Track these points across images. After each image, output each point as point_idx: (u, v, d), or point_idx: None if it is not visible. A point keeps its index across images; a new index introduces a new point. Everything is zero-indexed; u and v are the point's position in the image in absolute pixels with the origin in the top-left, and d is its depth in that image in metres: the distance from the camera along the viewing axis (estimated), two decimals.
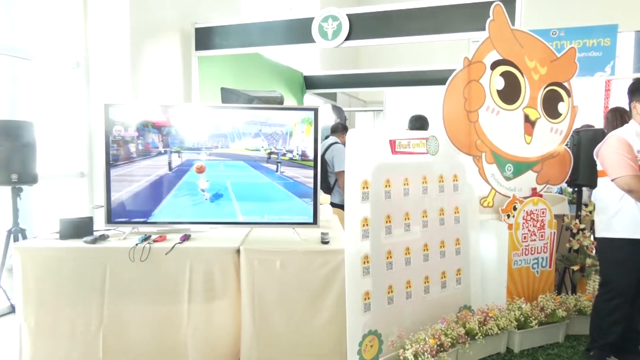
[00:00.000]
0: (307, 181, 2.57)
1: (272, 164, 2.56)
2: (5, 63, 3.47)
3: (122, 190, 2.54)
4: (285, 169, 2.56)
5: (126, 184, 2.54)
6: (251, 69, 5.32)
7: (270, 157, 2.56)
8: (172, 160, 2.55)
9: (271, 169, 2.57)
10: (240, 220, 2.59)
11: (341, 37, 3.71)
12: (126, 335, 2.34)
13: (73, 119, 3.91)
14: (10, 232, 3.09)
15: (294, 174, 2.57)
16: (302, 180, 2.57)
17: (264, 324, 2.36)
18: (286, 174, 2.57)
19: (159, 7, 4.07)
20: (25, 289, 2.31)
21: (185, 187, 2.56)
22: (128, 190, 2.55)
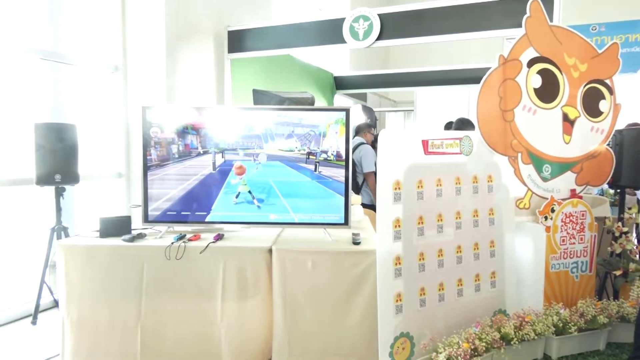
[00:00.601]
0: (339, 181, 2.57)
1: (311, 164, 2.58)
2: (49, 68, 3.63)
3: (158, 190, 2.62)
4: (322, 169, 2.58)
5: (162, 184, 2.61)
6: (282, 71, 5.37)
7: (309, 158, 2.58)
8: (207, 161, 2.60)
9: (307, 169, 2.59)
10: (272, 220, 2.61)
11: (372, 37, 3.69)
12: (162, 331, 2.40)
13: (111, 121, 4.06)
14: (54, 230, 3.23)
15: (328, 174, 2.58)
16: (338, 180, 2.57)
17: (295, 323, 2.38)
18: (324, 174, 2.58)
19: (193, 12, 4.17)
20: (67, 285, 2.41)
21: (220, 187, 2.61)
22: (164, 190, 2.61)
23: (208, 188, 2.62)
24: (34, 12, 3.51)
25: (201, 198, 2.62)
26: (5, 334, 3.09)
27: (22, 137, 3.32)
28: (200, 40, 4.28)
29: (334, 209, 2.59)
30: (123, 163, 4.09)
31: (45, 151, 3.02)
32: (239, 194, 2.61)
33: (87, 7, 3.84)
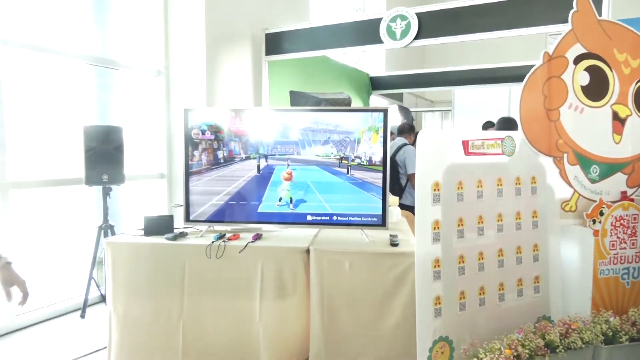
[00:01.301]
0: (375, 182, 2.56)
1: (343, 168, 2.60)
2: (96, 73, 3.80)
3: (199, 190, 2.69)
4: (354, 172, 2.58)
5: (203, 184, 2.68)
6: (318, 72, 5.40)
7: (341, 162, 2.59)
8: (244, 163, 2.65)
9: (342, 172, 2.60)
10: (310, 220, 2.63)
11: (410, 37, 3.65)
12: (203, 328, 2.47)
13: (154, 124, 4.20)
14: (101, 228, 3.38)
15: (362, 176, 2.58)
16: (371, 182, 2.56)
17: (332, 324, 2.38)
18: (355, 176, 2.58)
19: (232, 16, 4.26)
20: (114, 281, 2.51)
21: (259, 189, 2.65)
22: (204, 190, 2.68)
23: (247, 189, 2.67)
24: (83, 19, 3.68)
25: (240, 198, 2.67)
26: (57, 327, 3.26)
27: (72, 140, 3.49)
28: (239, 43, 4.37)
29: (371, 210, 2.58)
30: (165, 164, 4.22)
31: (94, 152, 3.16)
32: (281, 198, 2.64)
33: (131, 14, 3.99)
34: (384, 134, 2.53)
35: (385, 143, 2.54)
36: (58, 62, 3.47)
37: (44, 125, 3.53)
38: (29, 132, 3.40)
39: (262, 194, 2.66)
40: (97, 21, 3.80)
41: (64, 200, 3.68)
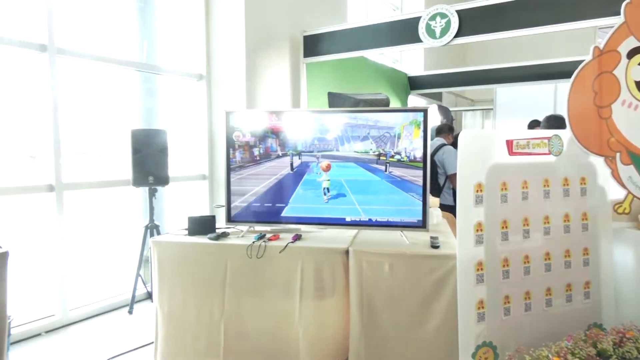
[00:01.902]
0: (415, 181, 2.52)
1: (381, 165, 2.57)
2: (142, 78, 3.96)
3: (240, 192, 2.74)
4: (393, 169, 2.56)
5: (244, 185, 2.73)
6: (356, 72, 5.38)
7: (379, 159, 2.57)
8: (284, 164, 2.69)
9: (380, 170, 2.58)
10: (349, 221, 2.63)
11: (450, 35, 3.58)
12: (244, 326, 2.51)
13: (196, 127, 4.33)
14: (147, 227, 3.52)
15: (401, 174, 2.55)
16: (410, 180, 2.53)
17: (372, 326, 2.37)
18: (394, 174, 2.56)
19: (271, 20, 4.32)
20: (160, 279, 2.60)
21: (298, 189, 2.68)
22: (246, 192, 2.73)
23: (287, 190, 2.70)
24: (129, 28, 3.84)
25: (280, 199, 2.70)
26: (106, 321, 3.41)
27: (120, 143, 3.65)
28: (277, 46, 4.42)
29: (411, 211, 2.55)
30: (206, 165, 4.34)
31: (141, 155, 3.29)
32: (325, 189, 2.65)
33: (175, 22, 4.13)
34: (424, 134, 2.50)
35: (425, 143, 2.50)
36: (107, 69, 3.64)
37: (95, 129, 3.72)
38: (82, 136, 3.59)
39: (301, 193, 2.68)
40: (142, 29, 3.96)
41: (114, 200, 3.85)
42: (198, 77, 4.25)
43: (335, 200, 2.64)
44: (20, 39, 3.00)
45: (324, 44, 4.37)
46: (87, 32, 3.47)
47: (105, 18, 3.66)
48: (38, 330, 3.14)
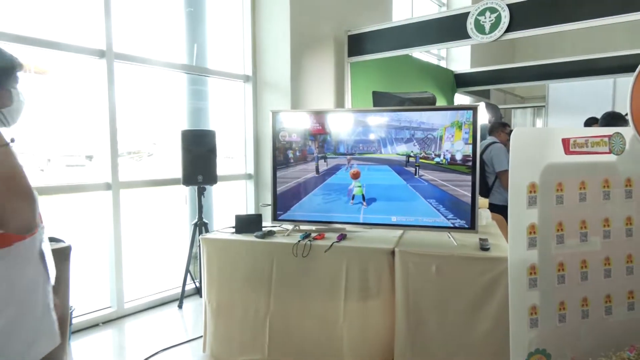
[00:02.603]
0: (464, 184, 2.46)
1: (411, 167, 2.55)
2: (191, 81, 4.09)
3: (285, 191, 2.78)
4: (425, 172, 2.51)
5: (289, 185, 2.77)
6: (401, 71, 5.32)
7: (414, 160, 2.55)
8: (326, 164, 2.70)
9: (409, 172, 2.55)
10: (394, 222, 2.60)
11: (500, 30, 3.46)
12: (289, 324, 2.54)
13: (243, 127, 4.42)
14: (196, 225, 3.63)
15: (448, 177, 2.49)
16: (459, 184, 2.47)
17: (418, 328, 2.33)
18: (440, 177, 2.51)
19: (315, 21, 4.35)
20: (209, 275, 2.68)
21: (341, 190, 2.68)
22: (291, 191, 2.76)
23: (332, 190, 2.70)
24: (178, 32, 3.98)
25: (325, 199, 2.71)
26: (157, 315, 3.56)
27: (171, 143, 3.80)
28: (322, 47, 4.45)
29: (459, 213, 2.48)
30: (252, 165, 4.43)
31: (190, 155, 3.40)
32: (354, 196, 2.65)
33: (223, 26, 4.25)
34: (473, 133, 2.43)
35: (475, 143, 2.43)
36: (158, 72, 3.79)
37: (147, 130, 3.88)
38: (135, 137, 3.76)
39: (344, 193, 2.68)
40: (191, 33, 4.09)
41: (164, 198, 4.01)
42: (245, 79, 4.34)
43: (376, 201, 2.62)
44: (81, 46, 3.18)
45: (368, 43, 4.34)
46: (141, 38, 3.63)
47: (157, 24, 3.82)
48: (96, 321, 3.32)
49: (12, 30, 2.83)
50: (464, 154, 2.45)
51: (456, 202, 2.48)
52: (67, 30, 3.15)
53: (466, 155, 2.45)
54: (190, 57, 4.01)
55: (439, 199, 2.51)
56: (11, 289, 1.18)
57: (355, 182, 2.65)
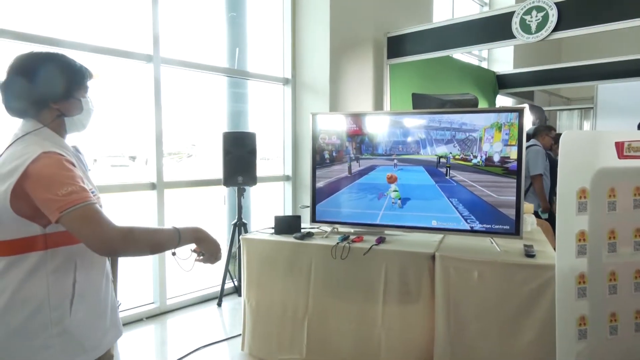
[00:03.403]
0: (508, 188, 2.39)
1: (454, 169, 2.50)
2: (231, 84, 4.18)
3: (324, 193, 2.78)
4: (476, 175, 2.45)
5: (328, 187, 2.77)
6: (441, 72, 5.23)
7: (445, 161, 2.51)
8: (365, 166, 2.69)
9: (442, 173, 2.52)
10: (435, 226, 2.56)
11: (547, 30, 3.34)
12: (326, 326, 2.54)
13: (282, 129, 4.48)
14: (236, 225, 3.70)
15: (489, 180, 2.43)
16: (501, 187, 2.40)
17: (458, 335, 2.28)
18: (480, 179, 2.45)
19: (355, 24, 4.35)
20: (249, 274, 2.73)
21: (380, 192, 2.66)
22: (329, 193, 2.77)
23: (370, 192, 2.69)
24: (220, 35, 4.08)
25: (364, 201, 2.70)
26: (197, 312, 3.65)
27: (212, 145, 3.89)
28: (361, 49, 4.44)
29: (501, 217, 2.41)
30: (290, 167, 4.47)
31: (231, 156, 3.48)
32: (390, 199, 2.63)
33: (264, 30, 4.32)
34: (519, 136, 2.35)
35: (520, 145, 2.35)
36: (200, 76, 3.90)
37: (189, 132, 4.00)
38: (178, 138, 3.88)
39: (382, 196, 2.66)
40: (233, 37, 4.18)
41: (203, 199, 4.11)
42: (284, 82, 4.39)
43: (415, 205, 2.59)
44: (131, 51, 3.31)
45: (408, 44, 4.30)
46: (185, 42, 3.74)
47: (200, 28, 3.93)
48: (140, 316, 3.44)
49: (65, 37, 2.98)
50: (502, 156, 2.39)
51: (499, 207, 2.41)
52: (117, 36, 3.30)
53: (504, 157, 2.38)
54: (231, 60, 4.10)
55: (480, 203, 2.45)
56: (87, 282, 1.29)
57: (392, 186, 2.63)
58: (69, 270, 1.22)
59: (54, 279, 1.20)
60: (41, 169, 1.13)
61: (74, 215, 1.10)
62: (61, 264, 1.21)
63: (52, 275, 1.20)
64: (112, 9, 3.35)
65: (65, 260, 1.23)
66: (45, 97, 1.26)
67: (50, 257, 1.20)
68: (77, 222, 1.11)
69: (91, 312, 1.30)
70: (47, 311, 1.19)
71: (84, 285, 1.26)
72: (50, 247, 1.19)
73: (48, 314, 1.19)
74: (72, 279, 1.23)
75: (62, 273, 1.21)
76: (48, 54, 1.30)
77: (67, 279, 1.23)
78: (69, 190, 1.11)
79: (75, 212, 1.10)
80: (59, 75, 1.27)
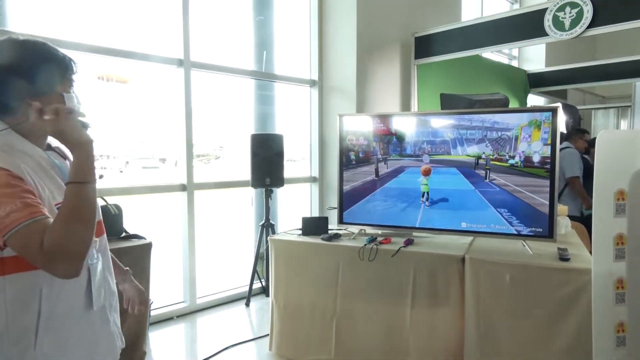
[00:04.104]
0: (541, 189, 2.33)
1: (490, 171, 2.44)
2: (258, 86, 4.23)
3: (351, 194, 2.78)
4: (512, 177, 2.39)
5: (355, 188, 2.77)
6: (470, 72, 5.13)
7: (484, 163, 2.45)
8: (392, 168, 2.67)
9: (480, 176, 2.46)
10: (464, 228, 2.51)
11: (582, 26, 3.24)
12: (354, 328, 2.54)
13: (307, 131, 4.50)
14: (263, 226, 3.74)
15: (523, 182, 2.37)
16: (534, 188, 2.34)
17: (489, 339, 2.23)
18: (514, 181, 2.39)
19: (382, 24, 4.33)
20: (276, 274, 2.75)
21: (408, 194, 2.64)
22: (357, 194, 2.77)
23: (398, 194, 2.67)
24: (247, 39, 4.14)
25: (392, 203, 2.69)
26: (226, 312, 3.70)
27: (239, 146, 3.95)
28: (388, 49, 4.41)
29: (534, 219, 2.35)
30: (316, 168, 4.48)
31: (259, 158, 3.52)
32: (423, 193, 2.60)
33: (290, 32, 4.35)
34: (552, 136, 2.29)
35: (554, 145, 2.29)
36: (228, 79, 3.96)
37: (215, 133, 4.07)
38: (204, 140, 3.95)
39: (411, 198, 2.63)
40: (260, 40, 4.23)
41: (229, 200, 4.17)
42: (311, 84, 4.41)
43: (444, 206, 2.55)
44: (162, 56, 3.40)
45: (436, 44, 4.25)
46: (214, 46, 3.81)
47: (228, 32, 3.99)
48: (171, 314, 3.52)
49: (97, 42, 3.08)
50: (542, 156, 2.32)
51: (532, 208, 2.35)
52: (148, 41, 3.39)
53: (545, 157, 2.31)
54: (259, 63, 4.15)
55: (512, 205, 2.40)
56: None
57: (423, 179, 2.59)
58: (31, 300, 1.04)
59: (13, 310, 1.03)
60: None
61: (16, 239, 0.94)
62: (22, 292, 1.03)
63: (10, 305, 1.03)
64: (144, 15, 3.44)
65: (27, 289, 1.04)
66: (20, 91, 1.06)
67: (8, 284, 1.02)
68: (18, 246, 0.96)
69: (63, 349, 1.10)
70: (7, 346, 1.03)
71: (52, 316, 1.07)
72: (8, 273, 1.01)
73: (8, 349, 1.03)
74: (37, 310, 1.05)
75: (22, 303, 1.04)
76: (26, 40, 1.09)
77: (30, 309, 1.04)
78: (7, 211, 0.94)
79: (16, 234, 0.94)
80: (39, 65, 1.08)
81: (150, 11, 3.48)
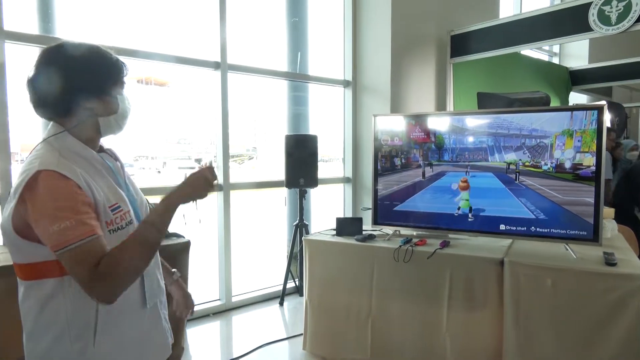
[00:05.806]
0: (583, 192, 2.24)
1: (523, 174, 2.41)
2: (291, 87, 4.26)
3: (385, 194, 2.76)
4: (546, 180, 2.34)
5: (390, 189, 2.75)
6: (508, 70, 4.98)
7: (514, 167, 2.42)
8: (431, 170, 2.63)
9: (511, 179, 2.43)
10: (503, 229, 2.45)
11: (630, 20, 3.10)
12: (390, 329, 2.52)
13: (341, 131, 4.50)
14: (297, 226, 3.76)
15: (559, 185, 2.29)
16: (574, 191, 2.26)
17: (529, 345, 2.16)
18: (550, 184, 2.32)
19: (417, 23, 4.27)
20: (311, 274, 2.76)
21: (444, 196, 2.60)
22: (391, 195, 2.74)
23: (434, 195, 2.63)
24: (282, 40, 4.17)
25: (427, 204, 2.65)
26: (260, 311, 3.75)
27: (274, 147, 3.99)
28: (423, 48, 4.35)
29: (578, 222, 2.26)
30: (350, 169, 4.47)
31: (293, 159, 3.55)
32: (459, 207, 2.55)
33: (324, 32, 4.37)
34: (598, 137, 2.20)
35: (600, 147, 2.20)
36: (262, 80, 4.01)
37: (249, 134, 4.12)
38: (238, 141, 4.01)
39: (447, 200, 2.59)
40: (294, 41, 4.26)
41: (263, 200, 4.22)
42: (345, 84, 4.41)
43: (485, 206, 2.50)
44: (199, 59, 3.48)
45: (473, 42, 4.15)
46: (249, 48, 3.87)
47: (263, 34, 4.04)
48: (207, 312, 3.59)
49: (135, 46, 3.18)
50: (574, 163, 2.27)
51: (575, 211, 2.26)
52: (185, 44, 3.48)
53: (577, 164, 2.27)
54: (293, 64, 4.18)
55: (553, 207, 2.32)
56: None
57: (462, 194, 2.55)
58: (89, 298, 1.04)
59: (73, 308, 1.07)
60: (34, 197, 0.99)
61: (67, 257, 0.98)
62: (80, 290, 1.03)
63: (71, 303, 1.07)
64: (182, 20, 3.53)
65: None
66: (76, 95, 1.09)
67: (67, 283, 1.06)
68: (68, 264, 0.99)
69: (120, 346, 1.14)
70: (68, 343, 1.07)
71: (110, 313, 1.10)
72: (67, 274, 1.03)
73: (69, 346, 1.07)
74: (95, 307, 1.08)
75: (82, 301, 1.06)
76: (79, 44, 1.11)
77: (89, 307, 1.08)
78: (61, 228, 0.97)
79: (68, 253, 0.97)
80: (93, 68, 1.11)
81: (188, 15, 3.57)
